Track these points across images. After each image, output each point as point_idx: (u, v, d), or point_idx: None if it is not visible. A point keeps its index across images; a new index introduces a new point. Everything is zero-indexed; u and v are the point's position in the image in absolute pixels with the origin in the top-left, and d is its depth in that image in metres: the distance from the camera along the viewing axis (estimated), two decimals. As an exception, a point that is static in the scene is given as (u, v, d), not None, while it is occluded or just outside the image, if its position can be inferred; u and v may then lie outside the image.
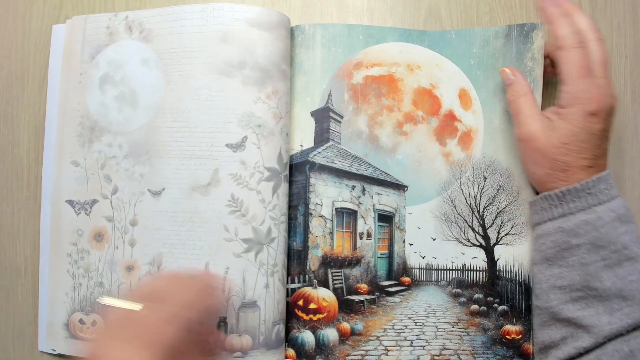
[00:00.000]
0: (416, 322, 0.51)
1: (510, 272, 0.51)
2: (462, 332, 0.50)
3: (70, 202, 0.53)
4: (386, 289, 0.52)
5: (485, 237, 0.51)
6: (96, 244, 0.53)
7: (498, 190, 0.51)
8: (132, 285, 0.52)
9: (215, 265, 0.50)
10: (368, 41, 0.53)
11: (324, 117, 0.53)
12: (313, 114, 0.53)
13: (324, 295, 0.51)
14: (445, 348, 0.50)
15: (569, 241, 0.44)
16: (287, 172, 0.51)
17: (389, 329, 0.51)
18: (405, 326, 0.51)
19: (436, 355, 0.50)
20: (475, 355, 0.50)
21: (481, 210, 0.51)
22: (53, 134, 0.55)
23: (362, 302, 0.52)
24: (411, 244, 0.52)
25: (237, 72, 0.51)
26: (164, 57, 0.52)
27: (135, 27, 0.53)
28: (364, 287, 0.52)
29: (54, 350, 0.53)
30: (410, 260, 0.52)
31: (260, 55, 0.51)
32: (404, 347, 0.50)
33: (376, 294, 0.52)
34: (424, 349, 0.50)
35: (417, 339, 0.50)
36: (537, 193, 0.49)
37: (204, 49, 0.51)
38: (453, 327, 0.51)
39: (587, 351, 0.42)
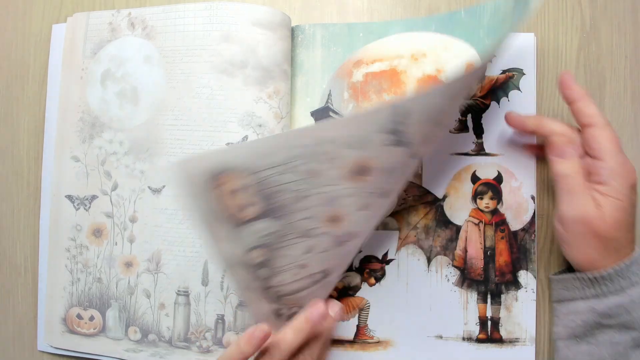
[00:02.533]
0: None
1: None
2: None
3: (69, 197, 0.54)
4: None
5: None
6: (95, 239, 0.53)
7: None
8: (130, 282, 0.52)
9: (214, 263, 0.51)
10: (368, 38, 0.53)
11: (323, 117, 0.53)
12: (313, 113, 0.53)
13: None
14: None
15: (601, 322, 0.44)
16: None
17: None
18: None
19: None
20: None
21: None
22: (53, 128, 0.55)
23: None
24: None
25: (239, 71, 0.51)
26: (166, 54, 0.52)
27: (137, 24, 0.53)
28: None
29: (51, 345, 0.54)
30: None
31: (263, 55, 0.51)
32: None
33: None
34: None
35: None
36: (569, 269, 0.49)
37: (206, 48, 0.51)
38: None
39: None
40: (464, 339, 0.52)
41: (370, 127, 0.37)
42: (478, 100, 0.53)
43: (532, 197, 0.52)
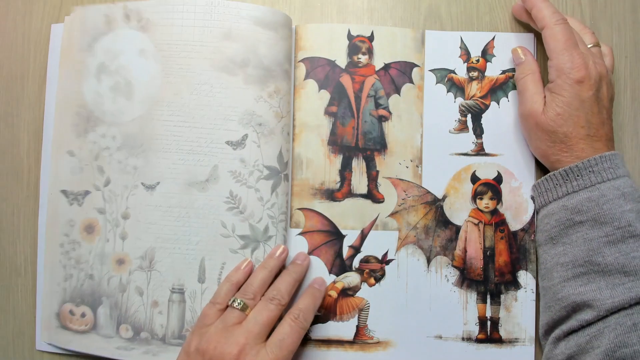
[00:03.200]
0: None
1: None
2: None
3: (64, 192, 0.52)
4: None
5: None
6: (87, 235, 0.52)
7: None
8: (122, 279, 0.51)
9: (211, 260, 0.50)
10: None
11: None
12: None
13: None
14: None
15: (573, 218, 0.45)
16: (287, 172, 0.51)
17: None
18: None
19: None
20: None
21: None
22: (51, 124, 0.53)
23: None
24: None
25: (240, 70, 0.50)
26: (162, 48, 0.51)
27: (133, 16, 0.52)
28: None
29: (47, 342, 0.52)
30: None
31: (264, 54, 0.50)
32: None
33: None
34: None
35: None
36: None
37: (205, 44, 0.51)
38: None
39: (590, 324, 0.43)
40: (463, 339, 0.51)
41: None
42: (478, 100, 0.53)
43: (532, 198, 0.52)
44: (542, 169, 0.52)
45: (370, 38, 0.53)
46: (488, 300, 0.51)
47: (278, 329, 0.45)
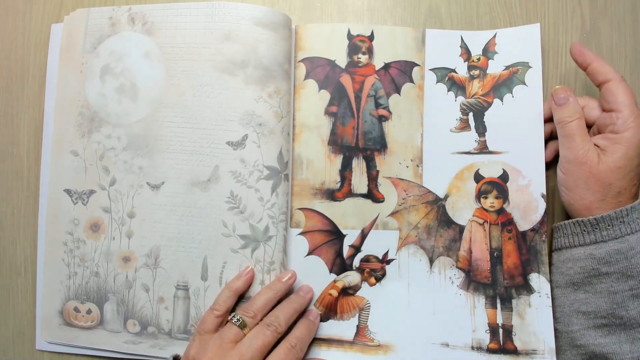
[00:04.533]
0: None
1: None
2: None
3: (67, 191, 0.54)
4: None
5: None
6: (92, 234, 0.53)
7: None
8: (128, 276, 0.52)
9: (213, 259, 0.51)
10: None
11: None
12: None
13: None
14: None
15: (599, 269, 0.44)
16: (288, 172, 0.51)
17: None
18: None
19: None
20: None
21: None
22: (51, 123, 0.55)
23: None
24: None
25: (240, 70, 0.51)
26: (166, 51, 0.52)
27: (138, 19, 0.53)
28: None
29: (48, 340, 0.54)
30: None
31: (264, 54, 0.51)
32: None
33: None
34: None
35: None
36: (567, 218, 0.49)
37: (207, 46, 0.51)
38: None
39: None
40: (473, 347, 0.49)
41: None
42: (480, 98, 0.52)
43: (543, 195, 0.50)
44: (551, 167, 0.51)
45: (370, 37, 0.53)
46: (498, 306, 0.49)
47: (273, 355, 0.45)
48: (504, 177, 0.51)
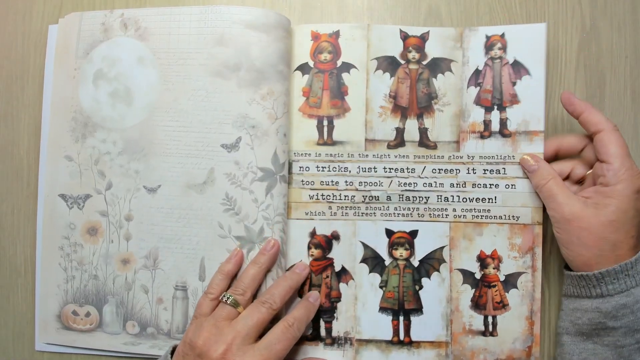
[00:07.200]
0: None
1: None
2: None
3: (62, 196, 0.54)
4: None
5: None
6: (90, 237, 0.54)
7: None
8: (127, 278, 0.53)
9: (210, 259, 0.51)
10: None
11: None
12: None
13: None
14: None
15: (606, 323, 0.44)
16: (284, 173, 0.52)
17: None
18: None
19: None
20: None
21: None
22: (48, 126, 0.55)
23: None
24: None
25: (233, 74, 0.51)
26: (160, 56, 0.53)
27: (130, 25, 0.53)
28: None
29: (46, 342, 0.54)
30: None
31: (256, 57, 0.51)
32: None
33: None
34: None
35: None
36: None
37: (200, 51, 0.52)
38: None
39: None
40: None
41: None
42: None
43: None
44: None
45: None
46: None
47: (270, 333, 0.46)
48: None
